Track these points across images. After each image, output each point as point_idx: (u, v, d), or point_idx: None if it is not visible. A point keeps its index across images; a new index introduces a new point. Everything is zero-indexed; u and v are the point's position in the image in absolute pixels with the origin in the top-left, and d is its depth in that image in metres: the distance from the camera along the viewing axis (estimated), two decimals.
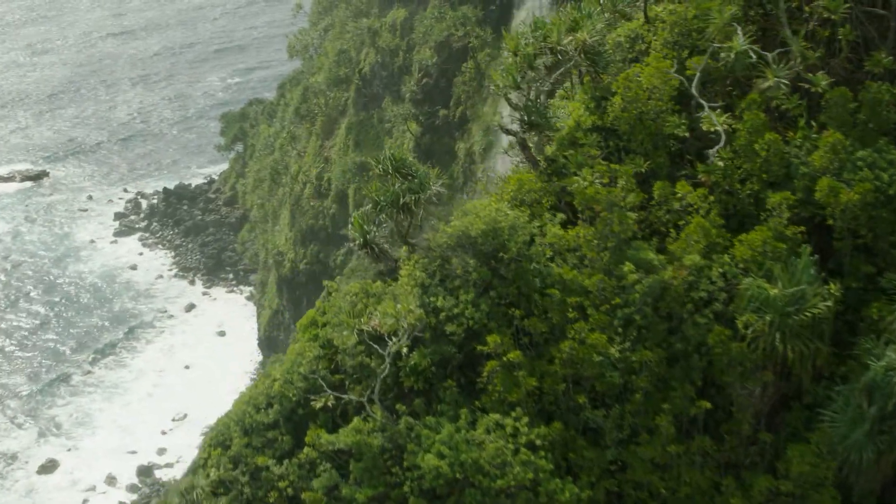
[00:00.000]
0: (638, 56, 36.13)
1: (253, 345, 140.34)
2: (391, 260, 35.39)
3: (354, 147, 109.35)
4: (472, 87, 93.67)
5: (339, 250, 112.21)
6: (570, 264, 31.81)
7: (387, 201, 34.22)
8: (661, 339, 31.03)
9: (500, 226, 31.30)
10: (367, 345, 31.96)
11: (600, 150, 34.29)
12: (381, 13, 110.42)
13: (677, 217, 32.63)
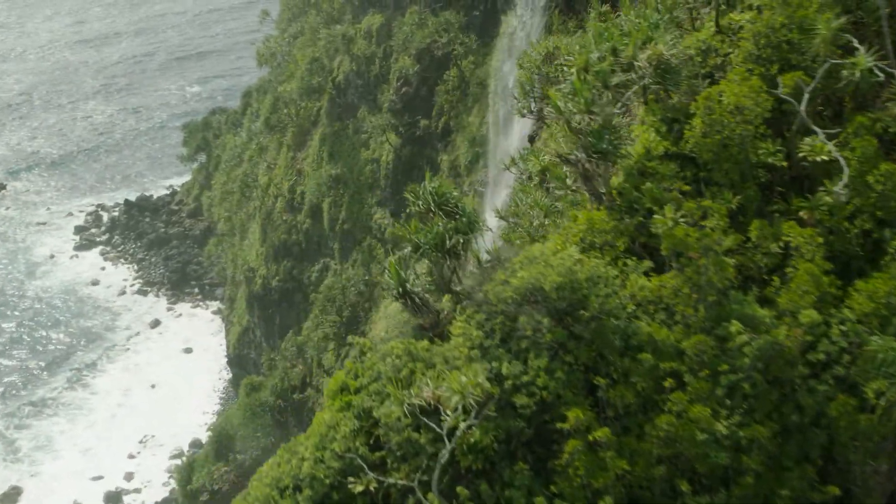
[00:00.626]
0: (712, 71, 30.80)
1: (221, 362, 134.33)
2: (432, 312, 29.84)
3: (329, 159, 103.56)
4: (456, 97, 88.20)
5: (313, 266, 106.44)
6: (658, 321, 26.38)
7: (430, 244, 28.62)
8: (770, 410, 25.71)
9: (578, 277, 25.78)
10: (417, 418, 26.34)
11: (680, 182, 28.82)
12: (356, 19, 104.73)
13: (776, 261, 27.34)
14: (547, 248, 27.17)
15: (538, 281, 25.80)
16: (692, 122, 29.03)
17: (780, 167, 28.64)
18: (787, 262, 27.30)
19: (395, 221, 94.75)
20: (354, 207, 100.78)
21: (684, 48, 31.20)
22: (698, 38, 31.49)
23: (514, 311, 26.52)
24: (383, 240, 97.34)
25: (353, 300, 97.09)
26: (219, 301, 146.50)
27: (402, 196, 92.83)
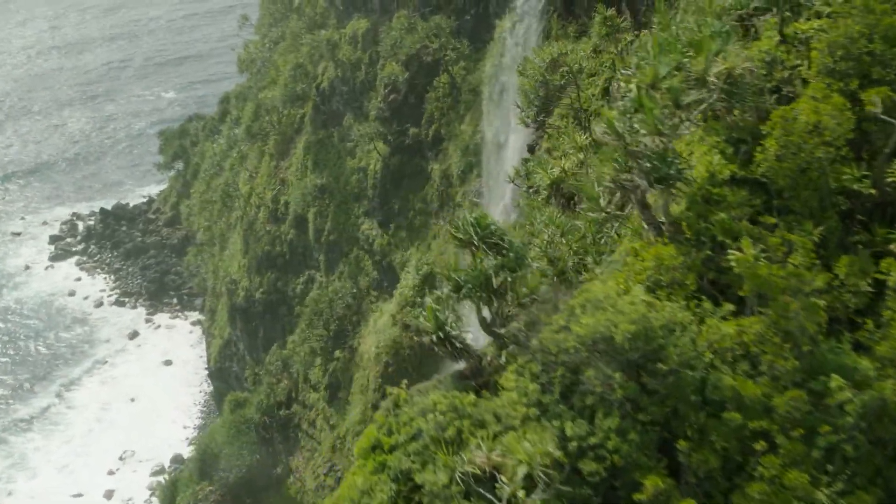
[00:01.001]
0: (779, 86, 27.43)
1: (202, 375, 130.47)
2: (474, 357, 26.37)
3: (313, 168, 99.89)
4: (447, 104, 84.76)
5: (298, 278, 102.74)
6: (740, 372, 22.98)
7: (474, 284, 25.18)
8: (874, 475, 22.37)
9: (653, 325, 22.34)
10: (469, 486, 22.85)
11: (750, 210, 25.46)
12: (340, 24, 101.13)
13: (866, 301, 24.02)
14: (609, 289, 23.69)
15: (607, 329, 22.33)
16: (764, 144, 25.62)
17: (863, 194, 25.30)
18: (880, 302, 23.95)
19: (383, 232, 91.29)
20: (340, 218, 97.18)
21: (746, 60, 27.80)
22: (760, 49, 28.08)
23: (577, 363, 23.04)
24: (371, 251, 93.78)
25: (340, 313, 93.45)
26: (198, 312, 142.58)
27: (391, 206, 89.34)
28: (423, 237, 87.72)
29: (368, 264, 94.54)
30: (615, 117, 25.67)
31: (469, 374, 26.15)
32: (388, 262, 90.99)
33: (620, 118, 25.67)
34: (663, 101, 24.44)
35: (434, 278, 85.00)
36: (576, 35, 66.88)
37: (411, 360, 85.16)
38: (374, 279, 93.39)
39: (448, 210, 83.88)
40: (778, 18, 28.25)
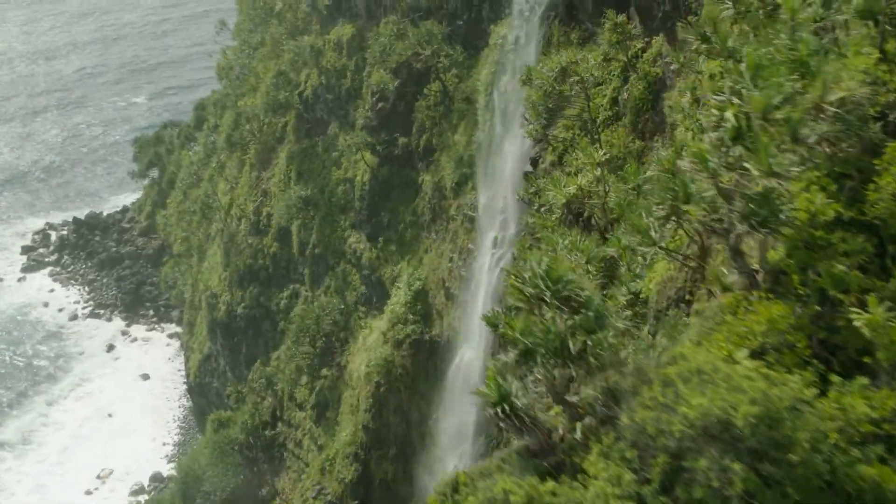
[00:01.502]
0: (884, 111, 23.53)
1: (181, 389, 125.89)
2: (542, 431, 22.34)
3: (297, 179, 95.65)
4: (439, 113, 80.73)
5: (281, 293, 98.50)
6: (876, 458, 19.07)
7: (547, 348, 21.17)
8: None
9: (777, 406, 18.38)
10: None
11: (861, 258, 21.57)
12: (324, 30, 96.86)
13: None
14: (712, 356, 19.73)
15: (724, 412, 18.36)
16: (878, 181, 21.74)
17: None
18: None
19: (371, 246, 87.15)
20: (326, 230, 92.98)
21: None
22: (858, 69, 24.14)
23: (681, 449, 19.05)
24: (359, 265, 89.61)
25: (327, 329, 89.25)
26: (175, 323, 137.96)
27: (380, 219, 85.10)
28: (414, 251, 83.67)
29: (356, 279, 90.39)
30: (707, 150, 21.70)
31: (538, 452, 22.09)
32: (377, 276, 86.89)
33: (713, 152, 21.70)
34: (778, 135, 20.43)
35: (426, 293, 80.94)
36: (579, 42, 63.06)
37: (403, 379, 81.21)
38: (363, 294, 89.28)
39: (441, 223, 79.89)
40: (878, 32, 24.36)
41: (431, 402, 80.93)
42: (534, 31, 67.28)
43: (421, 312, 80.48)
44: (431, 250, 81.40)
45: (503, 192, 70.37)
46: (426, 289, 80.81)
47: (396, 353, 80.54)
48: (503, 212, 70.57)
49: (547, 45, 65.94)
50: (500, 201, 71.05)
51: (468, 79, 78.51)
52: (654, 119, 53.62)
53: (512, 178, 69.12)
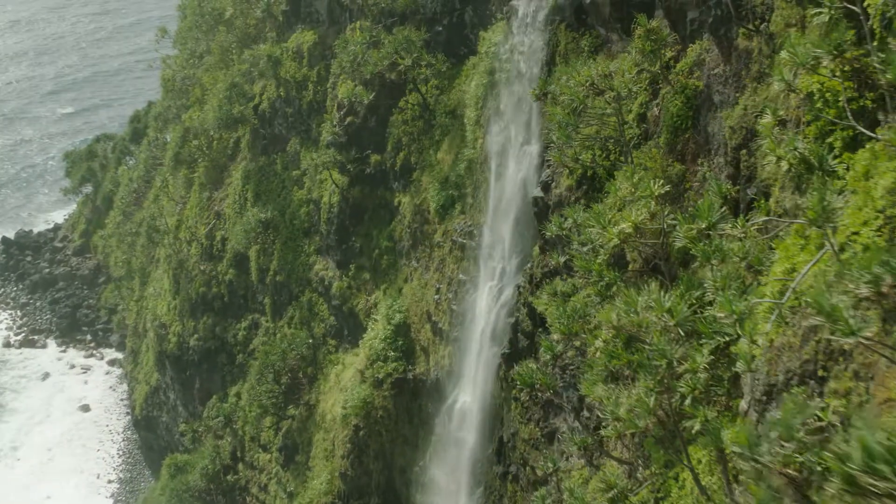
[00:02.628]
0: None
1: (125, 421, 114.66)
2: None
3: (254, 200, 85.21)
4: (418, 128, 71.09)
5: (239, 323, 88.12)
6: None
7: None
8: None
9: None
10: None
11: None
12: (280, 37, 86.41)
13: None
14: None
15: None
16: None
17: None
18: None
19: (342, 274, 77.22)
20: (288, 256, 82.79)
21: None
22: None
23: None
24: (327, 295, 79.62)
25: (293, 364, 79.07)
26: (115, 348, 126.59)
27: (351, 244, 74.93)
28: (391, 280, 73.95)
29: (324, 309, 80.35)
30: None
31: None
32: (348, 307, 76.96)
33: None
34: None
35: (408, 328, 71.30)
36: (591, 50, 53.79)
37: (385, 422, 71.48)
38: (332, 326, 79.32)
39: (423, 250, 70.18)
40: None
41: (417, 447, 71.33)
42: (536, 39, 57.83)
43: (403, 348, 70.85)
44: (413, 279, 71.71)
45: (504, 219, 60.94)
46: (408, 322, 71.15)
47: (376, 393, 70.78)
48: (503, 240, 61.16)
49: (552, 53, 56.62)
50: (499, 228, 61.59)
51: (450, 90, 68.96)
52: (696, 139, 44.39)
53: (514, 203, 59.73)
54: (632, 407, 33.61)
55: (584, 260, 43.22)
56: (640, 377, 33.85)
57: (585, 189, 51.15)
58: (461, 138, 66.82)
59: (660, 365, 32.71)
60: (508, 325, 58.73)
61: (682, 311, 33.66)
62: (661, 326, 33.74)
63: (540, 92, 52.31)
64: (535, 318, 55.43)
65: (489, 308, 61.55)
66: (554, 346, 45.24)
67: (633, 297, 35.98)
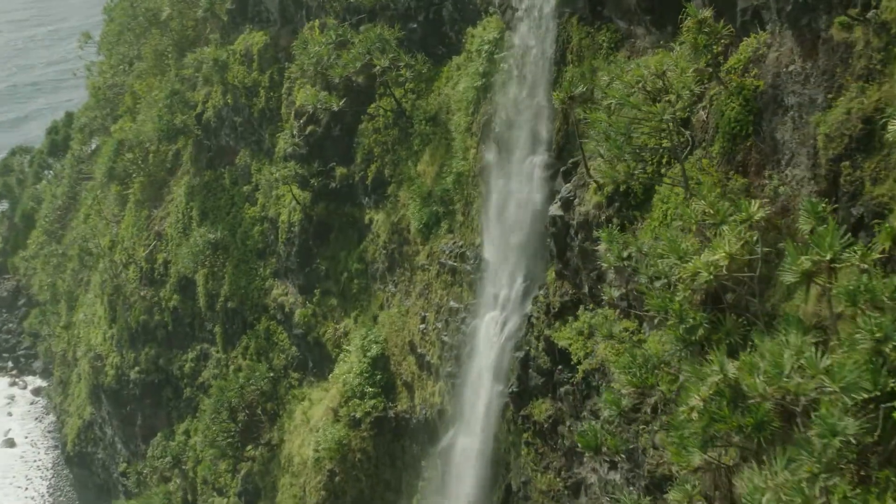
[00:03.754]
0: None
1: (54, 456, 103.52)
2: None
3: (201, 219, 75.39)
4: (392, 137, 62.14)
5: (185, 354, 78.18)
6: None
7: None
8: None
9: None
10: None
11: None
12: (225, 39, 76.53)
13: None
14: None
15: None
16: None
17: None
18: None
19: (305, 300, 67.96)
20: (241, 280, 73.21)
21: None
22: None
23: None
24: (288, 322, 70.27)
25: (250, 399, 69.52)
26: (38, 376, 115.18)
27: (315, 267, 65.51)
28: (363, 307, 64.97)
29: (284, 338, 71.01)
30: None
31: None
32: (313, 337, 67.68)
33: None
34: None
35: (387, 360, 62.26)
36: (610, 46, 45.57)
37: (363, 466, 62.48)
38: (294, 358, 70.07)
39: (402, 273, 61.35)
40: None
41: (401, 493, 62.38)
42: (544, 34, 49.22)
43: (382, 383, 61.93)
44: (391, 306, 62.72)
45: (506, 239, 52.18)
46: (387, 354, 62.12)
47: (353, 433, 61.80)
48: (506, 263, 52.39)
49: (563, 51, 48.18)
50: (500, 249, 52.78)
51: (429, 94, 60.06)
52: (759, 147, 36.28)
53: (519, 221, 51.01)
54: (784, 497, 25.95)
55: (658, 297, 34.72)
56: (778, 454, 26.24)
57: (618, 206, 42.61)
58: (446, 148, 57.98)
59: (829, 443, 25.07)
60: (516, 361, 50.04)
61: (849, 372, 25.96)
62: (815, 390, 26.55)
63: (566, 95, 43.75)
64: (555, 354, 46.85)
65: (491, 340, 52.76)
66: (619, 399, 36.41)
67: (776, 351, 28.27)
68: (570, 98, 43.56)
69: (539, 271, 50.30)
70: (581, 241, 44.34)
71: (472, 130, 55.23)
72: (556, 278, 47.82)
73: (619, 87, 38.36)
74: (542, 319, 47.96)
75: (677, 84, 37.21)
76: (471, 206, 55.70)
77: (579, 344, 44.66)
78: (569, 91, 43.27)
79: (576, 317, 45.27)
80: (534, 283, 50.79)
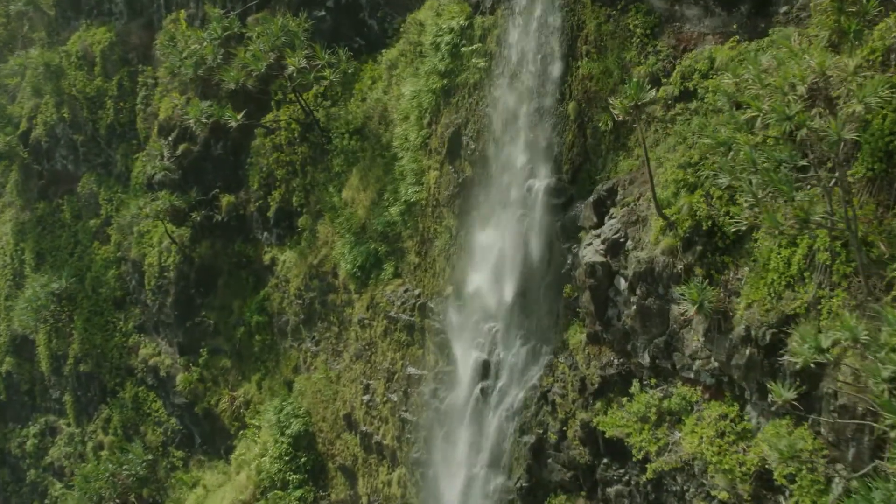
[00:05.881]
0: None
1: None
2: None
3: (36, 263, 57.36)
4: (302, 155, 46.53)
5: (26, 429, 60.29)
6: None
7: None
8: None
9: None
10: None
11: None
12: (54, 38, 58.38)
13: None
14: None
15: None
16: None
17: None
18: None
19: (186, 360, 51.52)
20: (95, 337, 56.18)
21: None
22: None
23: None
24: (163, 388, 53.59)
25: (123, 486, 52.62)
26: None
27: (200, 321, 48.47)
28: (268, 369, 49.36)
29: (160, 409, 54.45)
30: None
31: None
32: (203, 407, 51.38)
33: None
34: None
35: (312, 437, 46.89)
36: (645, 32, 32.25)
37: None
38: (177, 432, 53.39)
39: (328, 328, 46.07)
40: None
41: None
42: (546, 19, 34.95)
43: (308, 468, 46.38)
44: (311, 369, 47.41)
45: (496, 288, 37.63)
46: (311, 430, 46.58)
47: None
48: (496, 319, 37.91)
49: (572, 39, 34.23)
50: (484, 300, 38.14)
51: (349, 100, 44.71)
52: None
53: (515, 265, 36.69)
54: None
55: None
56: None
57: (700, 251, 28.77)
58: (384, 169, 43.04)
59: None
60: (525, 448, 35.89)
61: None
62: None
63: (632, 104, 29.68)
64: (597, 444, 32.94)
65: (480, 418, 38.24)
66: None
67: None
68: (637, 107, 29.49)
69: (546, 330, 36.29)
70: (643, 296, 30.54)
71: (429, 147, 40.37)
72: (589, 343, 34.00)
73: (759, 91, 24.60)
74: (570, 397, 34.06)
75: (861, 91, 23.71)
76: (431, 244, 40.92)
77: (645, 434, 31.00)
78: (636, 96, 29.15)
79: (628, 396, 31.65)
80: (541, 346, 36.70)
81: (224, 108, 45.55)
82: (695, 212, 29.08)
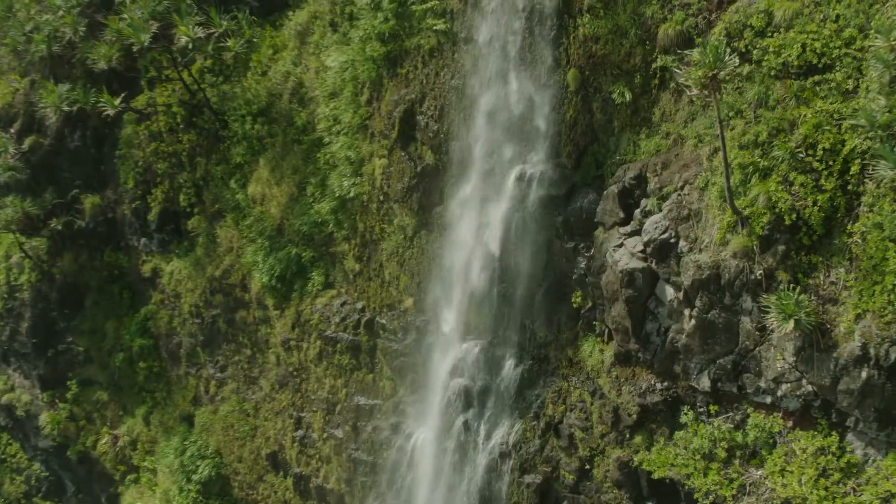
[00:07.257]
0: None
1: None
2: None
3: None
4: (188, 144, 36.93)
5: None
6: None
7: None
8: None
9: None
10: None
11: None
12: None
13: None
14: None
15: None
16: None
17: None
18: None
19: (48, 397, 41.62)
20: None
21: None
22: None
23: None
24: (24, 430, 43.32)
25: None
26: None
27: (65, 348, 39.37)
28: (157, 401, 39.83)
29: (18, 454, 43.99)
30: None
31: None
32: (76, 451, 41.43)
33: None
34: None
35: (226, 482, 37.89)
36: None
37: None
38: (43, 480, 43.16)
39: (239, 350, 36.93)
40: None
41: None
42: None
43: None
44: (217, 399, 38.14)
45: (470, 298, 29.65)
46: (223, 474, 37.57)
47: None
48: (470, 336, 29.94)
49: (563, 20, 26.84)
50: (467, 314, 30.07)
51: (245, 75, 35.51)
52: None
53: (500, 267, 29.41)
54: None
55: None
56: None
57: (784, 251, 21.67)
58: (303, 157, 34.07)
59: None
60: (528, 491, 28.56)
61: None
62: None
63: (711, 73, 22.05)
64: (638, 485, 25.85)
65: (463, 456, 30.39)
66: None
67: None
68: (713, 78, 22.07)
69: (544, 347, 29.00)
70: (704, 309, 23.59)
71: (370, 129, 31.76)
72: (618, 364, 26.81)
73: None
74: (596, 431, 26.86)
75: None
76: (376, 247, 32.49)
77: (713, 475, 24.39)
78: (714, 64, 21.74)
79: (677, 427, 24.79)
80: (539, 366, 29.17)
81: (92, 93, 35.28)
82: (774, 203, 22.18)
